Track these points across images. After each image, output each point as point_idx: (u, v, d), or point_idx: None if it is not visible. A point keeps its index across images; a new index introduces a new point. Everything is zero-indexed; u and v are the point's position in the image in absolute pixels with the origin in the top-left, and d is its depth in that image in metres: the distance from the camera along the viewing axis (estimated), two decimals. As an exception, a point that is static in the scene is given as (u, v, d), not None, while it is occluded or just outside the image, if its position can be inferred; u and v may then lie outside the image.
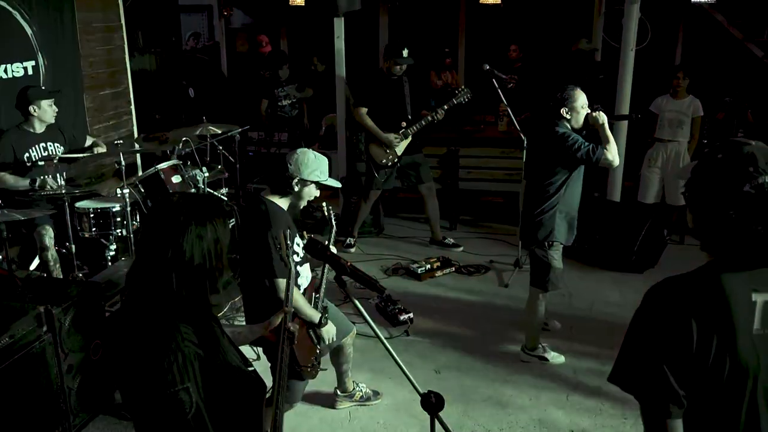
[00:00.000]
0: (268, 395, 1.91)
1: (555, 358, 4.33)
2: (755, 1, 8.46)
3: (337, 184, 3.38)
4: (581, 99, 3.99)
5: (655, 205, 6.28)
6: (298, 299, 3.07)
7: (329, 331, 3.26)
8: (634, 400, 1.65)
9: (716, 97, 6.92)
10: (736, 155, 1.58)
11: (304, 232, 3.14)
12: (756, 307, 1.55)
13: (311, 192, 3.23)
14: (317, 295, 3.35)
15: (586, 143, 3.89)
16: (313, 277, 3.35)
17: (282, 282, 3.07)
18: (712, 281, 1.57)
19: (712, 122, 6.64)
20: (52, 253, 4.58)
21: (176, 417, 1.58)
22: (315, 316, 3.14)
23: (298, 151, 3.20)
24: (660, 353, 1.56)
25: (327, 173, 3.24)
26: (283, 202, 3.21)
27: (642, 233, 5.64)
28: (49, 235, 4.58)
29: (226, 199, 5.29)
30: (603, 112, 4.08)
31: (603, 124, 3.94)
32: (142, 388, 1.63)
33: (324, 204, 3.46)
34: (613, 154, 3.87)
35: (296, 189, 3.16)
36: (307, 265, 3.31)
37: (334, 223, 3.43)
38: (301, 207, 3.29)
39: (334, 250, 3.19)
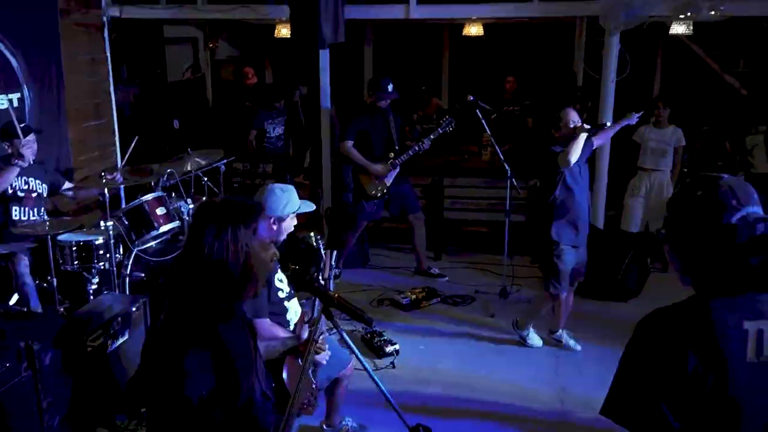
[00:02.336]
0: None
1: (534, 340, 4.90)
2: (731, 33, 8.68)
3: (312, 207, 3.34)
4: (572, 117, 4.46)
5: (639, 233, 6.34)
6: (283, 336, 3.03)
7: (326, 355, 3.24)
8: (623, 432, 1.64)
9: (695, 127, 7.04)
10: (715, 190, 1.61)
11: (289, 264, 3.12)
12: (748, 336, 1.54)
13: (290, 225, 3.21)
14: (312, 328, 3.33)
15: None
16: (302, 312, 3.32)
17: (260, 321, 3.03)
18: (703, 311, 1.57)
19: (691, 151, 6.75)
20: (26, 281, 4.51)
21: (192, 422, 1.61)
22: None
23: (266, 190, 3.18)
24: (655, 386, 1.55)
25: (297, 200, 3.22)
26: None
27: (625, 262, 5.67)
28: (24, 263, 4.52)
29: None
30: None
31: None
32: (164, 391, 1.66)
33: (312, 234, 3.45)
34: (571, 156, 4.31)
35: (275, 228, 3.14)
36: (294, 300, 3.29)
37: (323, 254, 3.40)
38: (282, 240, 3.27)
39: (324, 282, 3.18)
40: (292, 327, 3.13)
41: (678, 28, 6.71)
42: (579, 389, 4.29)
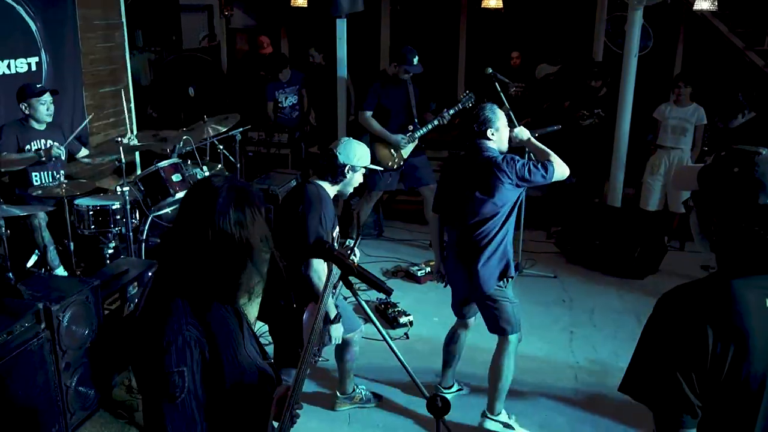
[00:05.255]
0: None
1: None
2: (756, 10, 8.48)
3: (380, 168, 3.49)
4: (503, 118, 3.51)
5: (657, 212, 6.28)
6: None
7: (337, 330, 3.31)
8: (637, 410, 1.62)
9: (717, 106, 6.93)
10: (753, 167, 1.56)
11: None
12: None
13: (358, 178, 3.36)
14: (333, 291, 3.35)
15: (530, 162, 3.40)
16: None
17: (317, 262, 3.09)
18: (724, 288, 1.55)
19: (713, 130, 6.65)
20: (44, 235, 4.56)
21: (167, 398, 1.57)
22: (333, 310, 3.18)
23: (344, 140, 3.35)
24: (675, 361, 1.53)
25: (369, 157, 3.39)
26: (331, 189, 3.32)
27: (643, 239, 5.63)
28: (39, 218, 4.56)
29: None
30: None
31: (529, 139, 3.58)
32: (145, 364, 1.62)
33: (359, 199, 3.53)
34: (560, 162, 3.38)
35: (348, 176, 3.29)
36: None
37: (360, 225, 3.48)
38: (348, 194, 3.45)
39: (358, 252, 3.28)
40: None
41: (702, 4, 6.55)
42: (593, 366, 4.28)
